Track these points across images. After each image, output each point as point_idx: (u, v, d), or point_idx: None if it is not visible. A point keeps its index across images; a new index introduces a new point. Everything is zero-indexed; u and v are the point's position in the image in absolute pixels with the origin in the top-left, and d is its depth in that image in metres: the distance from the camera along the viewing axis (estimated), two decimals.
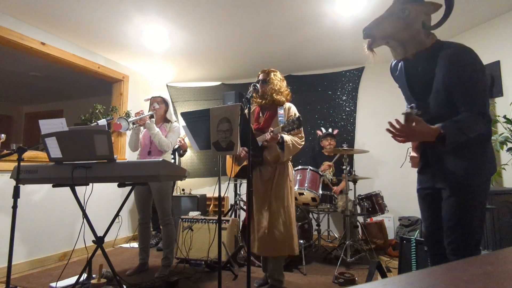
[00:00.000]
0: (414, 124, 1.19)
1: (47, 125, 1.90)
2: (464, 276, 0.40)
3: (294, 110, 2.25)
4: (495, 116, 2.72)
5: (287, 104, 2.27)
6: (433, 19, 1.33)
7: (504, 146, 2.35)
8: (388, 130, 1.23)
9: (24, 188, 2.81)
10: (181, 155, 4.06)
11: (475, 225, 1.25)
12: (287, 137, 2.07)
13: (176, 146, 3.96)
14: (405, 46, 1.34)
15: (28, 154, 2.96)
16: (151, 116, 2.68)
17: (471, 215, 1.25)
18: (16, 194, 1.88)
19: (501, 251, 0.56)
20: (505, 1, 2.72)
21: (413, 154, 1.47)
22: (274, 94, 2.23)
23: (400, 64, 1.49)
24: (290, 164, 2.27)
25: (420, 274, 0.43)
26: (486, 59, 3.01)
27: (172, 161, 3.92)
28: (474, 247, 1.26)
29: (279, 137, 2.04)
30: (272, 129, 2.01)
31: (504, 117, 2.39)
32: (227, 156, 2.44)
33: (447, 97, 1.27)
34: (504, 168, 2.53)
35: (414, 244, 2.15)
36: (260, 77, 2.29)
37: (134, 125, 2.67)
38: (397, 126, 1.21)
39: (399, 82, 1.54)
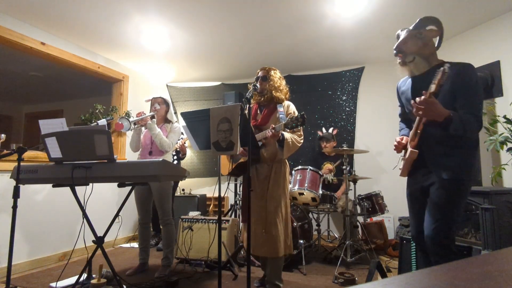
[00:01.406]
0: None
1: (47, 125, 1.90)
2: (464, 276, 0.40)
3: (293, 108, 2.24)
4: (495, 116, 2.72)
5: (286, 102, 2.26)
6: None
7: (504, 146, 2.35)
8: (413, 103, 1.46)
9: (26, 188, 2.81)
10: (180, 158, 4.06)
11: (454, 218, 1.45)
12: (287, 135, 2.05)
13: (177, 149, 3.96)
14: (428, 62, 1.60)
15: (28, 154, 2.96)
16: (152, 117, 2.69)
17: (453, 209, 1.45)
18: (16, 194, 1.88)
19: (501, 251, 0.56)
20: (505, 1, 2.72)
21: (413, 149, 1.58)
22: (273, 91, 2.21)
23: (408, 81, 1.71)
24: (287, 163, 2.25)
25: (420, 274, 0.43)
26: (486, 59, 3.01)
27: (175, 162, 3.92)
28: (452, 238, 1.47)
29: (280, 135, 2.02)
30: (273, 126, 1.98)
31: (504, 117, 2.39)
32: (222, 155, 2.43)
33: (451, 99, 1.48)
34: (504, 168, 2.53)
35: (414, 244, 2.15)
36: (260, 74, 2.27)
37: (136, 126, 2.67)
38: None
39: (403, 97, 1.74)
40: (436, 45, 1.62)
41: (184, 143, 3.88)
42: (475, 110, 1.45)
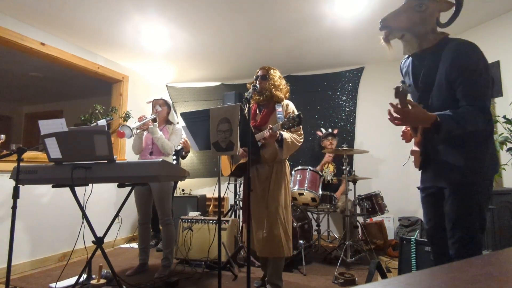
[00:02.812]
0: (410, 107, 1.20)
1: (46, 126, 1.90)
2: (465, 277, 0.40)
3: (292, 107, 2.21)
4: (495, 116, 2.72)
5: (285, 101, 2.24)
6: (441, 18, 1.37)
7: (504, 146, 2.35)
8: (389, 113, 1.25)
9: (29, 190, 2.80)
10: (183, 157, 4.05)
11: (475, 226, 1.25)
12: (286, 135, 2.04)
13: (179, 148, 3.95)
14: (420, 41, 1.34)
15: (28, 154, 2.95)
16: (154, 120, 2.69)
17: (471, 216, 1.25)
18: (15, 195, 1.88)
19: (501, 251, 0.56)
20: (505, 1, 2.72)
21: (415, 148, 1.43)
22: (273, 90, 2.19)
23: (408, 60, 1.50)
24: (287, 163, 2.25)
25: (420, 274, 0.43)
26: None
27: (175, 162, 3.91)
28: (475, 248, 1.25)
29: (278, 135, 2.00)
30: (271, 126, 1.97)
31: (504, 117, 2.39)
32: (222, 156, 2.42)
33: (449, 90, 1.27)
34: (504, 168, 2.53)
35: (414, 244, 2.15)
36: (259, 73, 2.25)
37: (138, 131, 2.66)
38: (393, 108, 1.23)
39: (405, 78, 1.54)
40: (449, 19, 1.33)
41: (186, 140, 3.86)
42: (478, 100, 1.20)
